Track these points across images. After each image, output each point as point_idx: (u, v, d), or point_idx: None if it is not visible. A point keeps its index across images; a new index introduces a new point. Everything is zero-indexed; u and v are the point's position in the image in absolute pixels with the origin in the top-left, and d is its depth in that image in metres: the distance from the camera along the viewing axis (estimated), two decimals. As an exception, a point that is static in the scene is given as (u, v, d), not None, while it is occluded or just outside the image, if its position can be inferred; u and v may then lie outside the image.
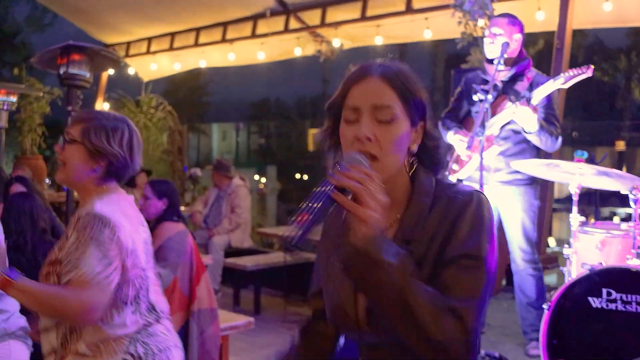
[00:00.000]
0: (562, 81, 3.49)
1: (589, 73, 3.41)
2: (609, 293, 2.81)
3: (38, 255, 3.06)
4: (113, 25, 8.80)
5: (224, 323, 3.76)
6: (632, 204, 2.98)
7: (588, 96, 21.55)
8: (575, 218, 3.27)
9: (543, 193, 4.82)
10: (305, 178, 17.38)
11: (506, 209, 3.88)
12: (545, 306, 2.97)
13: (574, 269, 3.26)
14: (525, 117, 3.52)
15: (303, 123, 23.37)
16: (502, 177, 3.81)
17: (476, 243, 1.29)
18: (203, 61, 8.78)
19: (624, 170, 11.17)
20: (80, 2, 8.16)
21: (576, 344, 2.89)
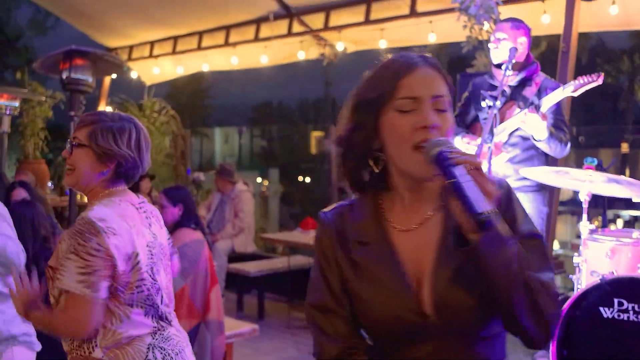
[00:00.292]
0: (572, 89, 3.45)
1: (599, 81, 3.36)
2: (621, 303, 2.77)
3: (40, 262, 3.06)
4: (115, 28, 8.77)
5: (229, 331, 3.73)
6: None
7: (591, 98, 21.50)
8: (585, 226, 3.23)
9: (550, 199, 4.78)
10: (307, 181, 17.35)
11: None
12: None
13: (584, 278, 3.22)
14: (534, 125, 3.48)
15: (306, 126, 23.35)
16: (511, 184, 3.77)
17: (534, 226, 1.36)
18: (206, 65, 8.75)
19: (628, 172, 11.15)
20: (82, 6, 8.13)
21: (587, 355, 2.84)
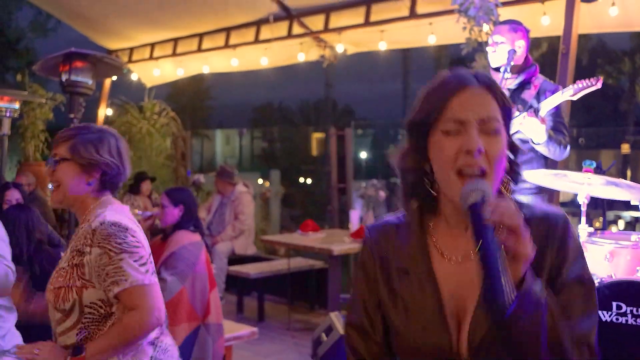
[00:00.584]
0: (571, 93, 3.43)
1: (599, 85, 3.35)
2: (619, 306, 2.76)
3: (34, 266, 3.08)
4: (116, 31, 8.78)
5: (228, 333, 3.73)
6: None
7: (592, 99, 21.48)
8: (583, 229, 3.22)
9: (549, 202, 4.78)
10: (309, 182, 17.34)
11: None
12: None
13: (583, 280, 3.21)
14: (532, 129, 3.47)
15: (306, 128, 23.35)
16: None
17: (584, 267, 1.27)
18: (206, 67, 8.76)
19: (629, 173, 11.10)
20: (82, 9, 8.14)
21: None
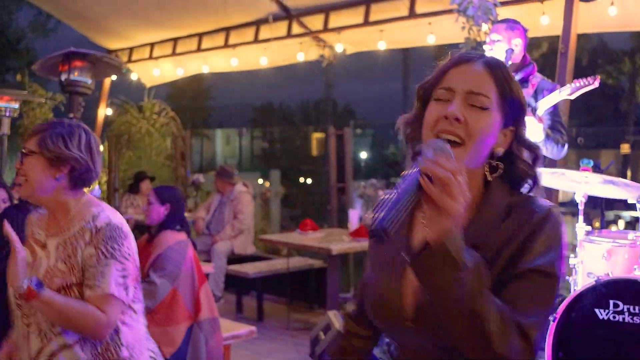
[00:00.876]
0: (568, 92, 3.44)
1: (596, 84, 3.36)
2: (616, 305, 2.76)
3: None
4: (116, 31, 8.79)
5: (226, 332, 3.73)
6: (639, 213, 2.93)
7: (592, 99, 21.47)
8: (581, 227, 3.22)
9: (547, 200, 4.77)
10: (309, 182, 17.34)
11: None
12: (550, 317, 2.93)
13: (580, 279, 3.22)
14: (530, 128, 3.47)
15: (306, 128, 23.35)
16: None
17: (551, 261, 1.23)
18: (206, 66, 8.76)
19: (629, 173, 11.11)
20: (82, 9, 8.15)
21: (582, 356, 2.84)
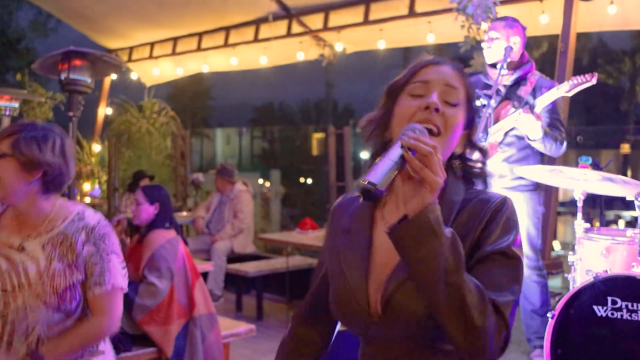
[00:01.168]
0: (567, 89, 3.45)
1: (593, 81, 3.36)
2: (614, 301, 2.76)
3: None
4: (116, 30, 8.80)
5: (226, 330, 3.73)
6: (638, 211, 2.93)
7: (592, 99, 21.48)
8: (579, 225, 3.23)
9: (547, 198, 4.78)
10: (309, 182, 17.35)
11: None
12: (549, 315, 2.93)
13: (579, 276, 3.22)
14: (528, 125, 3.48)
15: (307, 127, 23.37)
16: (506, 184, 3.77)
17: (510, 244, 1.27)
18: (205, 66, 8.78)
19: (629, 173, 11.10)
20: (82, 8, 8.16)
21: (581, 353, 2.84)
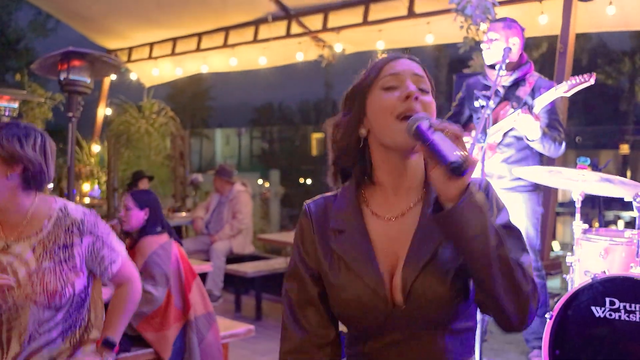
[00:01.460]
0: (565, 89, 3.45)
1: (591, 81, 3.37)
2: (612, 302, 2.77)
3: None
4: (115, 30, 8.80)
5: (224, 331, 3.73)
6: (636, 211, 2.94)
7: (592, 100, 21.48)
8: (578, 225, 3.23)
9: (546, 199, 4.78)
10: (308, 182, 17.35)
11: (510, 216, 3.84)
12: (547, 315, 2.93)
13: (577, 277, 3.23)
14: (527, 125, 3.48)
15: (306, 128, 23.35)
16: (505, 184, 3.77)
17: (509, 219, 1.38)
18: (205, 66, 8.78)
19: (629, 173, 11.09)
20: (82, 9, 8.16)
21: (579, 354, 2.85)
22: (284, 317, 1.46)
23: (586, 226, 3.29)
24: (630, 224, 8.96)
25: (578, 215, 3.26)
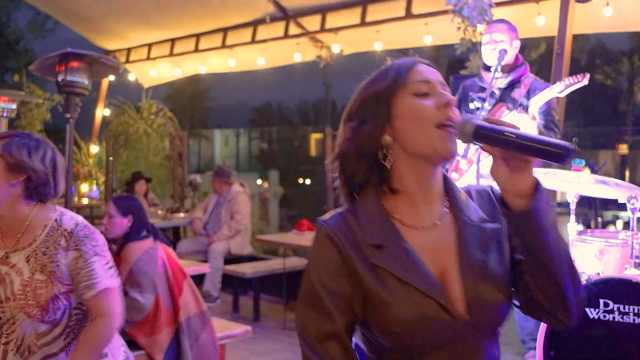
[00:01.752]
0: (560, 89, 3.47)
1: (585, 81, 3.39)
2: (607, 304, 2.78)
3: None
4: (113, 31, 8.81)
5: (222, 332, 3.74)
6: (630, 213, 2.95)
7: (590, 100, 21.51)
8: (572, 227, 3.24)
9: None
10: (308, 182, 17.37)
11: None
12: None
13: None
14: (523, 125, 3.50)
15: (305, 128, 23.38)
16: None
17: None
18: (203, 67, 8.78)
19: (627, 174, 11.09)
20: (80, 9, 8.17)
21: (573, 355, 2.86)
22: (304, 351, 1.33)
23: (581, 227, 3.31)
24: (628, 224, 8.98)
25: (573, 217, 3.27)
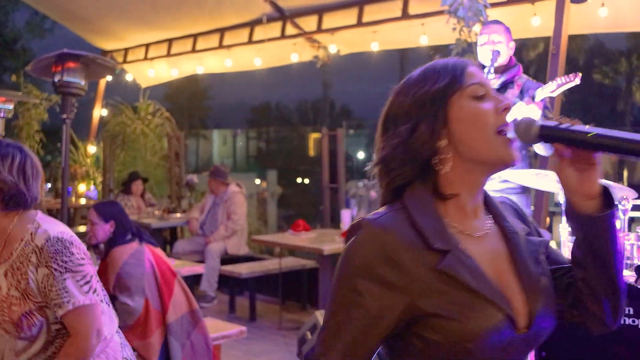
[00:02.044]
0: (552, 88, 3.48)
1: (577, 81, 3.40)
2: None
3: None
4: (111, 31, 8.82)
5: (217, 332, 3.75)
6: (621, 215, 2.96)
7: (589, 100, 21.54)
8: (564, 227, 3.25)
9: (539, 199, 4.81)
10: (306, 182, 17.36)
11: None
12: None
13: (565, 279, 3.24)
14: (535, 115, 3.50)
15: (304, 128, 23.39)
16: (494, 186, 3.79)
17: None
18: (200, 67, 8.80)
19: (625, 174, 11.09)
20: (78, 10, 8.18)
21: (565, 356, 2.87)
22: None
23: (572, 228, 3.31)
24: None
25: (564, 217, 3.28)
